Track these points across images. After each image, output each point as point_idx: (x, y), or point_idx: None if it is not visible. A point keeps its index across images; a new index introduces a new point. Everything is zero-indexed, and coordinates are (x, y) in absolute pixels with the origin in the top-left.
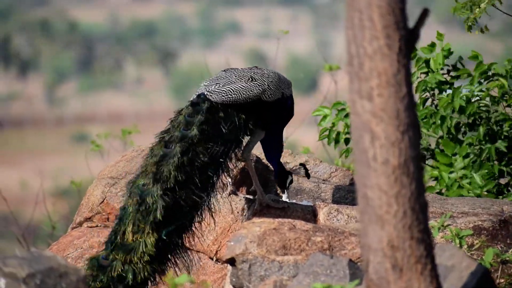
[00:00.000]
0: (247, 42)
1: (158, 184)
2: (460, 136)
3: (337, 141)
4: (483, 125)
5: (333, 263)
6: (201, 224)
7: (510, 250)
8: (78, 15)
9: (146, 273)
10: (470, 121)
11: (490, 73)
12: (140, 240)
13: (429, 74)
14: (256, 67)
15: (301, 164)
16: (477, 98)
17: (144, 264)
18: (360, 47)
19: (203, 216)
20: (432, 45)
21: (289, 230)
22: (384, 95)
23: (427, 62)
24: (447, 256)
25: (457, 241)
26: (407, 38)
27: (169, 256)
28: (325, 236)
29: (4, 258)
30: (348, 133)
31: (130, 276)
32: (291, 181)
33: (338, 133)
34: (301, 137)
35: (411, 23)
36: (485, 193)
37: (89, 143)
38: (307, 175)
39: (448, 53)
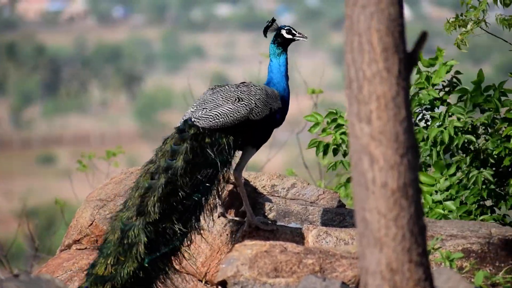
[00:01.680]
0: (210, 66)
1: (142, 217)
2: (447, 157)
3: (325, 153)
4: (471, 154)
5: (325, 285)
6: (190, 247)
7: (500, 273)
8: (45, 39)
9: None
10: (459, 146)
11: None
12: (118, 271)
13: (424, 90)
14: (244, 82)
15: (266, 30)
16: (469, 125)
17: None
18: (359, 70)
19: (192, 240)
20: (435, 58)
21: (280, 252)
22: (383, 118)
23: (427, 78)
24: (444, 279)
25: (447, 263)
26: (406, 61)
27: (152, 282)
28: (316, 259)
29: (1, 281)
30: (337, 145)
31: None
32: (289, 29)
33: (327, 145)
34: (268, 160)
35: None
36: (465, 215)
37: (56, 165)
38: (273, 20)
39: (450, 69)
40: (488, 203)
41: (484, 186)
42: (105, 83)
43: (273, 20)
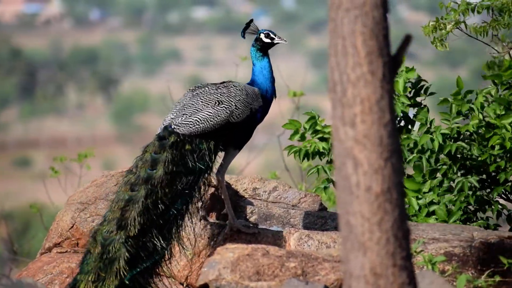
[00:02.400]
0: (187, 69)
1: (122, 232)
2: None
3: (305, 157)
4: (458, 162)
5: None
6: (171, 261)
7: (483, 276)
8: (21, 42)
9: None
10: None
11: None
12: None
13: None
14: (224, 82)
15: (244, 30)
16: (455, 132)
17: None
18: (343, 73)
19: (173, 254)
20: None
21: (262, 256)
22: (367, 122)
23: None
24: (427, 282)
25: (429, 267)
26: (390, 65)
27: None
28: (298, 262)
29: None
30: (317, 151)
31: None
32: (268, 33)
33: (307, 151)
34: (247, 163)
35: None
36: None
37: (32, 168)
38: (251, 21)
39: (413, 74)
40: (471, 208)
41: (470, 192)
42: (82, 86)
43: (251, 21)
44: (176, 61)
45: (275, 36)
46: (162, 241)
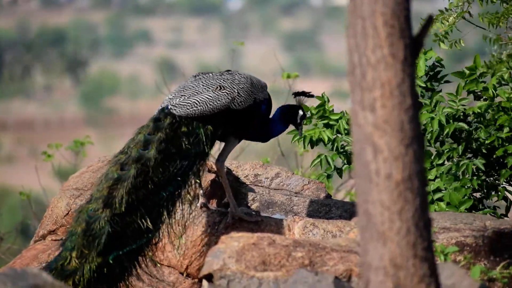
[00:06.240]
0: (158, 51)
1: (108, 209)
2: (438, 146)
3: (312, 144)
4: (463, 143)
5: (318, 280)
6: (157, 246)
7: (498, 268)
8: None
9: None
10: (450, 134)
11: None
12: (83, 265)
13: None
14: (229, 71)
15: (297, 93)
16: (461, 113)
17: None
18: (363, 56)
19: (161, 238)
20: None
21: (268, 245)
22: (387, 106)
23: None
24: (447, 274)
25: (442, 258)
26: (412, 47)
27: (118, 281)
28: (306, 252)
29: None
30: (320, 140)
31: None
32: (304, 116)
33: (311, 139)
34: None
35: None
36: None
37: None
38: (310, 96)
39: (429, 59)
40: (478, 195)
41: (475, 177)
42: (49, 68)
43: (311, 96)
44: (146, 43)
45: (302, 124)
46: (149, 223)
